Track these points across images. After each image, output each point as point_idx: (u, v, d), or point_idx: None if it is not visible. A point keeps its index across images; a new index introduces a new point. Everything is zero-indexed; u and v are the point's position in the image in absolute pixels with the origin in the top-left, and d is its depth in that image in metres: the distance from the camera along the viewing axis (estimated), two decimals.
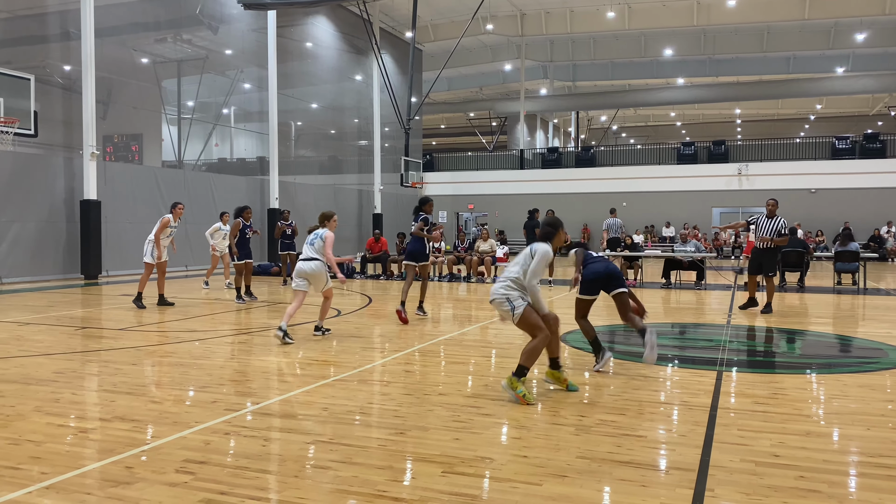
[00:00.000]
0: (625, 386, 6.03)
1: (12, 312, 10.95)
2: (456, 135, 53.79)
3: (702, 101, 42.20)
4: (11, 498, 3.51)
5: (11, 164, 16.12)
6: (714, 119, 52.39)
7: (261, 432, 4.68)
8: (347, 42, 29.64)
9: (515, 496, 3.56)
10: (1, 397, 5.54)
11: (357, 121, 32.18)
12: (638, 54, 37.57)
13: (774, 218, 11.24)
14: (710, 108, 48.45)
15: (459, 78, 42.37)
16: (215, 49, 27.79)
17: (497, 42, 38.06)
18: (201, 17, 24.08)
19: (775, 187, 31.09)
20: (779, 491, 3.65)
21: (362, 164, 31.69)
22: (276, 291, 15.09)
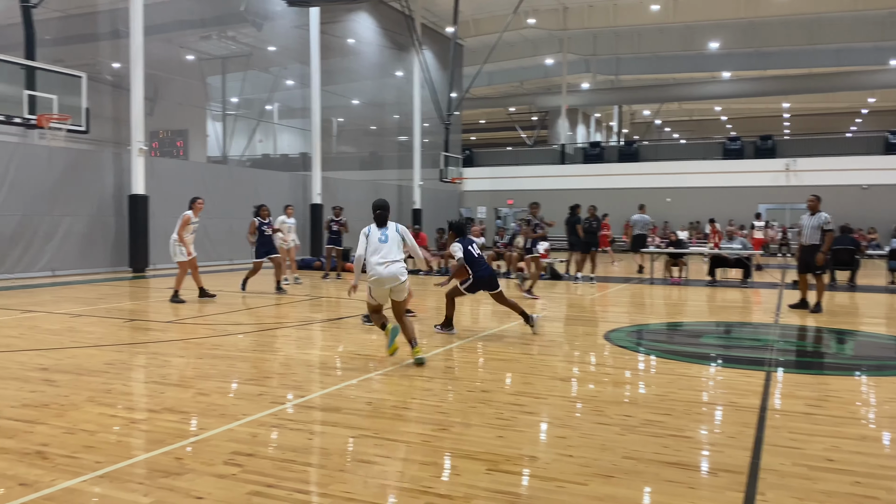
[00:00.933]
0: (670, 386, 5.94)
1: (65, 304, 11.26)
2: (496, 130, 53.59)
3: (748, 95, 41.29)
4: (68, 486, 3.60)
5: (64, 159, 16.56)
6: (761, 113, 51.20)
7: (306, 425, 4.73)
8: (389, 38, 29.73)
9: (562, 496, 3.53)
10: (56, 387, 5.70)
11: (397, 116, 32.29)
12: (683, 47, 36.90)
13: (816, 214, 10.89)
14: (756, 102, 47.35)
15: (500, 72, 42.16)
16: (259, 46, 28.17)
17: (539, 36, 37.77)
18: (246, 14, 24.39)
19: (825, 183, 30.26)
20: (833, 496, 3.55)
21: (402, 160, 31.79)
22: (317, 285, 15.24)
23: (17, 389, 5.62)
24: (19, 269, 15.46)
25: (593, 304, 12.33)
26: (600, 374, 6.47)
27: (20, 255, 15.51)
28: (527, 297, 12.56)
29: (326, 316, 10.50)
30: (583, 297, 13.23)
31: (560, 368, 6.68)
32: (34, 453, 4.08)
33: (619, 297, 13.23)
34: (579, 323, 9.85)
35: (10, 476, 3.73)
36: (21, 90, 14.28)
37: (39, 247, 15.93)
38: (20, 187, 15.45)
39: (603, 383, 6.04)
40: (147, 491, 3.55)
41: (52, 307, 10.85)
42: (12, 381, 5.93)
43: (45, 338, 8.09)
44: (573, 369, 6.72)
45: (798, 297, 11.31)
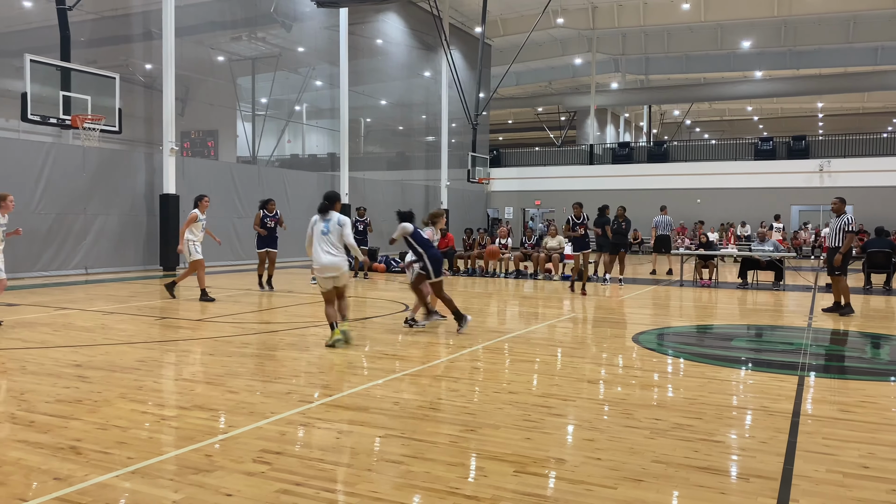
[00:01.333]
0: (701, 390, 5.86)
1: (97, 302, 11.45)
2: (523, 130, 53.42)
3: (781, 94, 40.66)
4: (101, 481, 3.66)
5: (97, 159, 16.85)
6: (794, 113, 50.39)
7: (334, 425, 4.75)
8: (417, 38, 29.79)
9: (590, 499, 3.50)
10: (89, 383, 5.80)
11: (425, 117, 32.33)
12: (714, 47, 36.46)
13: (840, 216, 10.86)
14: (789, 101, 46.62)
15: (528, 72, 42.04)
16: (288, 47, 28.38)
17: (567, 36, 37.57)
18: (275, 15, 24.60)
19: (860, 184, 29.72)
20: None
21: (429, 160, 31.84)
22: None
23: (51, 385, 5.72)
24: (53, 266, 15.77)
25: (621, 306, 12.22)
26: (629, 376, 6.41)
27: (55, 253, 15.82)
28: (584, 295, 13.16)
29: (353, 316, 10.54)
30: (611, 299, 13.12)
31: (588, 370, 6.63)
32: (68, 448, 4.15)
33: (647, 300, 13.11)
34: (607, 325, 9.77)
35: (45, 470, 3.79)
36: (56, 91, 14.56)
37: (73, 245, 16.24)
38: (55, 186, 15.75)
39: (631, 386, 5.98)
40: (177, 487, 3.59)
41: (85, 304, 11.04)
42: (47, 377, 6.04)
43: (78, 335, 8.24)
44: (601, 371, 6.67)
45: (832, 301, 11.18)
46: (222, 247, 19.75)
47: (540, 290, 14.64)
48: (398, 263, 19.07)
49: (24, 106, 13.75)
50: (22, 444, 4.23)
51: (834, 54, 35.89)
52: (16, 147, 15.51)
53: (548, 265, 17.53)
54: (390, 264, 19.08)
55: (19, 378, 6.08)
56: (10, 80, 22.34)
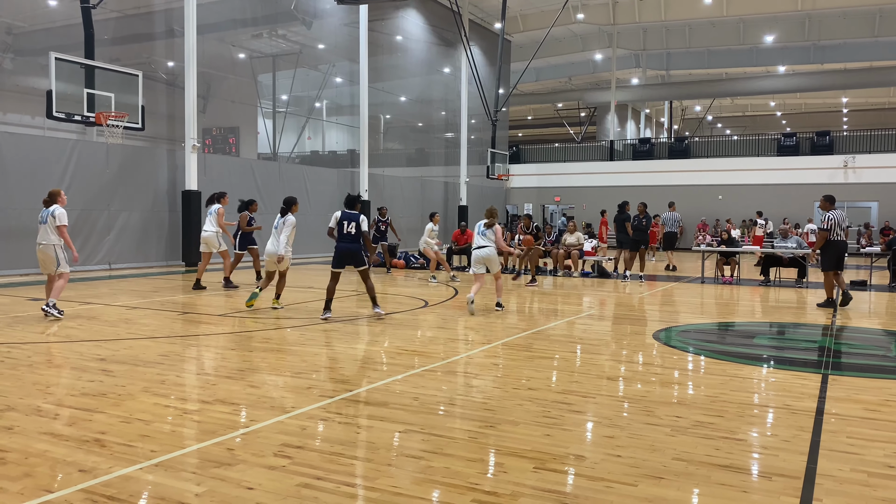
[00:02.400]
0: (723, 387, 5.81)
1: (121, 297, 11.59)
2: (543, 126, 53.21)
3: (805, 89, 40.06)
4: (124, 473, 3.71)
5: (120, 156, 17.04)
6: (818, 108, 49.69)
7: (354, 419, 4.77)
8: (436, 35, 29.78)
9: (610, 496, 3.49)
10: (113, 377, 5.87)
11: (444, 113, 32.32)
12: (736, 41, 36.04)
13: (825, 213, 11.51)
14: (813, 97, 45.98)
15: (548, 68, 41.83)
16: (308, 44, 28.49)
17: (587, 31, 37.34)
18: (296, 12, 24.70)
19: (886, 181, 29.28)
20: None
21: (449, 157, 31.83)
22: None
23: (76, 379, 5.80)
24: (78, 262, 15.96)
25: (641, 303, 12.14)
26: (649, 373, 6.37)
27: (79, 248, 15.96)
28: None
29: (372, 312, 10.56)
30: (631, 296, 13.05)
31: (608, 367, 6.60)
32: (92, 441, 4.21)
33: (668, 297, 13.02)
34: (627, 322, 9.72)
35: (70, 462, 3.85)
36: (81, 88, 14.73)
37: (97, 241, 16.44)
38: (79, 183, 15.96)
39: (651, 383, 5.94)
40: (199, 480, 3.63)
41: (109, 299, 11.18)
42: (72, 370, 6.13)
43: (102, 329, 8.35)
44: (621, 368, 6.63)
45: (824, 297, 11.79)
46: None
47: (559, 286, 14.58)
48: (417, 259, 19.12)
49: (50, 103, 13.93)
50: (48, 437, 4.30)
51: (859, 48, 35.33)
52: (41, 144, 15.73)
53: (567, 262, 17.46)
54: (409, 260, 19.13)
55: (45, 371, 6.18)
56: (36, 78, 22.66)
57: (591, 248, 17.86)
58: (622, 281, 15.56)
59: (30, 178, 14.79)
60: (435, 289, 13.65)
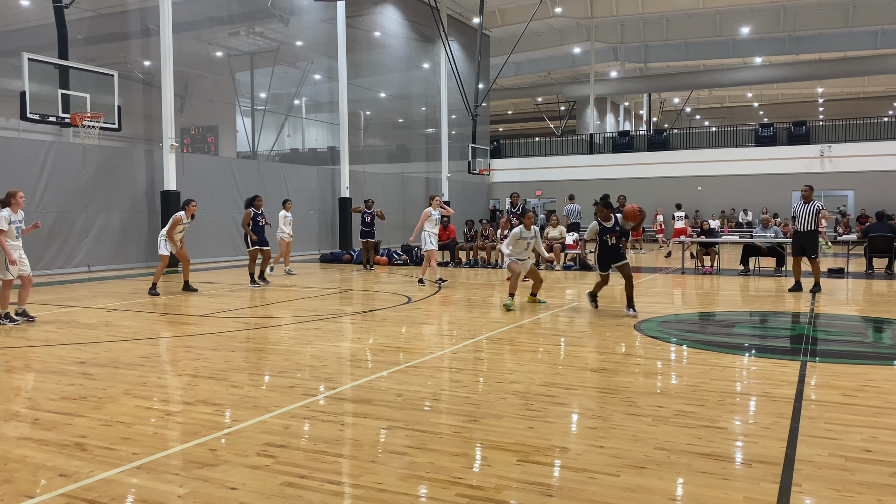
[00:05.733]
0: (704, 376, 5.87)
1: (101, 299, 11.48)
2: (524, 120, 53.31)
3: (781, 80, 40.46)
4: (106, 476, 3.68)
5: (97, 157, 16.85)
6: (794, 99, 50.22)
7: (337, 417, 4.77)
8: (415, 30, 29.71)
9: (593, 486, 3.52)
10: (93, 380, 5.82)
11: (424, 109, 32.28)
12: (713, 33, 36.31)
13: (810, 203, 11.84)
14: (789, 87, 46.44)
15: (527, 62, 41.92)
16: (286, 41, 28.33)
17: (566, 25, 37.44)
18: (272, 9, 24.53)
19: (861, 169, 29.65)
20: (872, 488, 3.48)
21: (430, 152, 31.80)
22: (347, 279, 15.32)
23: (55, 383, 5.74)
24: (56, 265, 15.79)
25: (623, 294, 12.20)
26: (631, 364, 6.42)
27: (57, 251, 15.84)
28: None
29: (356, 309, 10.56)
30: (613, 288, 13.12)
31: (590, 359, 6.64)
32: (73, 445, 4.17)
33: (649, 288, 13.11)
34: (609, 314, 9.78)
35: (51, 467, 3.81)
36: (55, 89, 14.52)
37: (75, 243, 16.26)
38: (56, 185, 15.76)
39: (634, 374, 5.99)
40: (182, 482, 3.61)
41: (88, 302, 11.06)
42: (51, 374, 6.07)
43: (82, 332, 8.26)
44: (604, 360, 6.67)
45: (793, 282, 12.13)
46: (223, 242, 19.83)
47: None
48: (400, 256, 19.10)
49: (24, 105, 13.72)
50: (27, 442, 4.25)
51: (834, 39, 35.73)
52: (16, 146, 15.51)
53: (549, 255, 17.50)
54: (392, 257, 19.11)
55: (24, 376, 6.11)
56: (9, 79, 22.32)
57: (573, 241, 17.94)
58: None
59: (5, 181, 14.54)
60: (419, 284, 13.61)
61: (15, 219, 8.73)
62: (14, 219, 8.71)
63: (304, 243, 22.85)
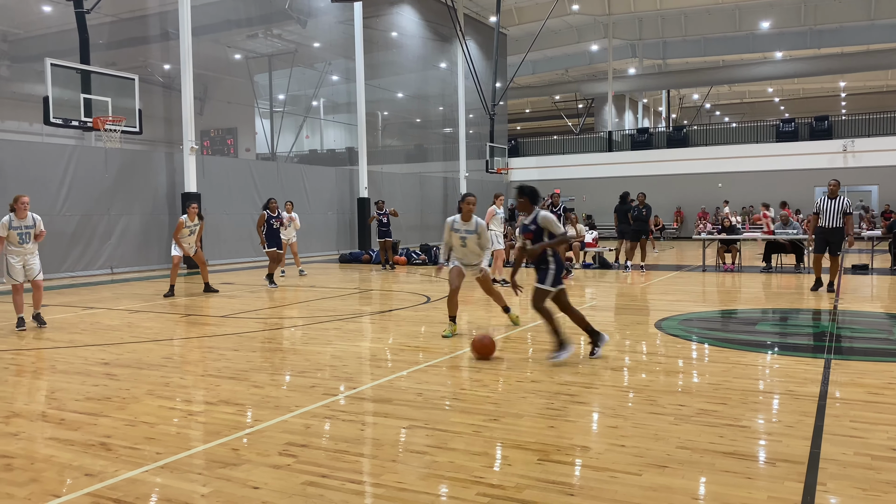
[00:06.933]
0: (726, 375, 5.82)
1: (123, 300, 11.61)
2: (541, 119, 53.17)
3: (802, 74, 40.00)
4: (131, 476, 3.72)
5: (119, 160, 17.05)
6: (816, 93, 49.60)
7: (358, 417, 4.78)
8: (432, 30, 29.72)
9: (614, 486, 3.50)
10: (117, 381, 5.89)
11: (442, 108, 32.29)
12: (732, 28, 35.97)
13: (837, 199, 11.47)
14: (811, 81, 45.86)
15: (544, 61, 41.78)
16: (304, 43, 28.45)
17: (583, 22, 37.27)
18: (290, 11, 24.66)
19: (885, 164, 29.24)
20: None
21: (447, 152, 31.80)
22: (366, 279, 15.37)
23: (80, 383, 5.82)
24: (80, 267, 16.00)
25: (644, 292, 12.15)
26: (652, 363, 6.38)
27: (80, 253, 16.05)
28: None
29: (376, 309, 10.60)
30: (633, 286, 13.05)
31: (611, 358, 6.61)
32: (98, 445, 4.22)
33: (670, 286, 13.02)
34: (629, 312, 9.73)
35: (76, 467, 3.86)
36: (77, 94, 14.71)
37: (98, 245, 16.46)
38: (79, 188, 15.97)
39: (655, 372, 5.95)
40: (205, 481, 3.64)
41: (111, 303, 11.19)
42: (76, 375, 6.15)
43: (105, 333, 8.36)
44: (624, 359, 6.64)
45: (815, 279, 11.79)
46: (243, 243, 19.96)
47: None
48: (418, 255, 19.12)
49: (47, 109, 13.92)
50: (53, 442, 4.31)
51: (856, 32, 35.23)
52: (40, 150, 15.73)
53: (568, 254, 17.44)
54: (411, 256, 19.13)
55: (49, 377, 6.20)
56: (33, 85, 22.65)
57: (592, 239, 17.85)
58: (623, 271, 15.55)
59: (29, 185, 14.76)
60: (437, 284, 13.62)
61: (18, 224, 8.57)
62: (17, 224, 8.56)
63: (323, 244, 22.95)
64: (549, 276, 6.42)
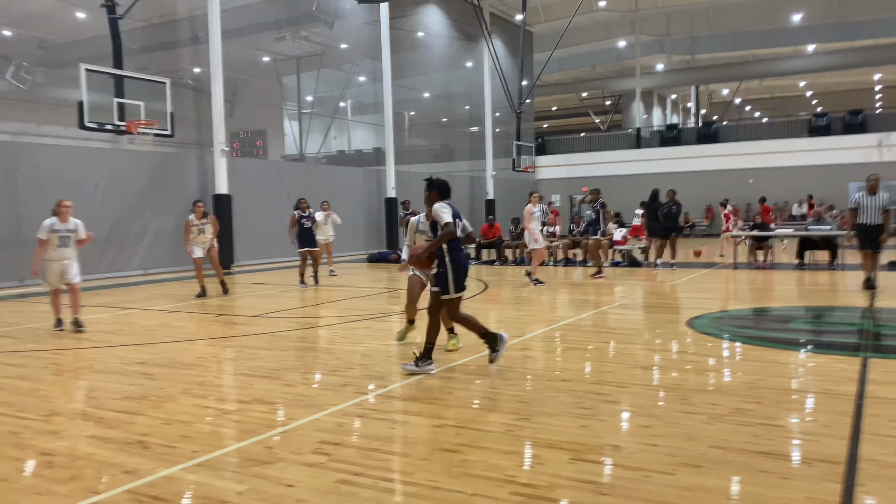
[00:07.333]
0: (760, 373, 5.74)
1: (158, 301, 11.80)
2: (568, 116, 52.85)
3: (835, 68, 39.21)
4: (168, 473, 3.79)
5: (151, 163, 17.32)
6: (849, 87, 48.56)
7: (389, 415, 4.81)
8: (457, 29, 29.72)
9: (648, 485, 3.48)
10: (153, 380, 5.99)
11: (468, 107, 32.28)
12: (763, 22, 35.41)
13: (877, 194, 11.12)
14: (844, 75, 44.92)
15: (571, 58, 41.51)
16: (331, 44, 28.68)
17: (610, 18, 36.99)
18: (318, 13, 24.85)
19: None
20: None
21: (474, 151, 31.77)
22: (394, 278, 15.43)
23: (117, 383, 5.93)
24: (115, 268, 16.28)
25: (674, 290, 12.03)
26: (684, 361, 6.32)
27: (115, 254, 16.33)
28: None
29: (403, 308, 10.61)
30: (663, 284, 12.93)
31: (642, 357, 6.56)
32: (135, 443, 4.30)
33: (701, 284, 12.88)
34: (660, 310, 9.64)
35: (115, 464, 3.94)
36: (111, 98, 14.99)
37: (132, 247, 16.74)
38: (113, 191, 16.25)
39: (687, 371, 5.90)
40: (240, 479, 3.69)
41: (145, 304, 11.38)
42: (113, 374, 6.27)
43: (141, 333, 8.50)
44: (655, 357, 6.59)
45: (864, 276, 11.31)
46: (273, 243, 20.14)
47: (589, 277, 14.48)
48: None
49: (81, 114, 14.19)
50: (92, 440, 4.40)
51: (890, 24, 34.42)
52: (75, 154, 16.04)
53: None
54: None
55: (88, 376, 6.33)
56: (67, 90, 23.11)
57: (622, 237, 17.73)
58: (654, 269, 15.42)
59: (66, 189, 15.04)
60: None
61: (60, 227, 8.59)
62: (59, 227, 8.58)
63: (352, 243, 23.07)
64: (448, 282, 5.95)
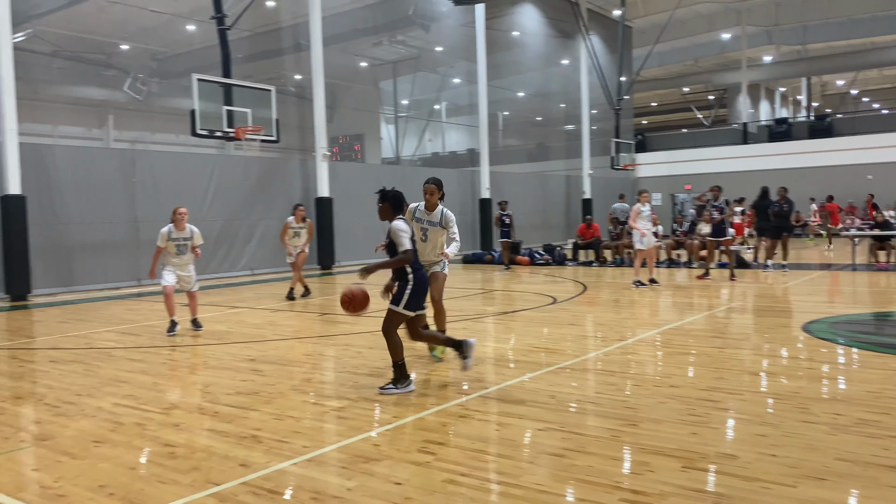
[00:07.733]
0: (886, 382, 5.37)
1: (265, 300, 12.27)
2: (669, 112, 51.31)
3: None
4: (281, 468, 3.92)
5: (258, 168, 18.04)
6: None
7: (492, 417, 4.80)
8: (554, 27, 29.41)
9: (767, 497, 3.31)
10: (263, 376, 6.22)
11: (564, 105, 31.87)
12: (883, 7, 33.13)
13: None
14: None
15: (672, 52, 40.26)
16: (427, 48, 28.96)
17: (713, 10, 35.64)
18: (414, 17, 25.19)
19: None
20: None
21: (570, 150, 31.33)
22: (489, 279, 15.42)
23: (230, 378, 6.19)
24: (223, 269, 17.05)
25: (786, 293, 11.45)
26: (801, 368, 5.99)
27: (224, 256, 17.10)
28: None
29: (499, 309, 10.61)
30: (774, 287, 12.33)
31: (754, 362, 6.27)
32: (249, 437, 4.47)
33: (816, 286, 12.20)
34: (772, 314, 9.19)
35: (232, 457, 4.11)
36: (220, 106, 15.70)
37: (240, 248, 17.49)
38: (222, 194, 17.03)
39: (804, 379, 5.59)
40: (350, 475, 3.77)
41: (253, 303, 11.86)
42: (226, 370, 6.55)
43: (250, 331, 8.86)
44: (769, 364, 6.28)
45: None
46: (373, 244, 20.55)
47: (694, 279, 13.99)
48: (542, 256, 18.97)
49: (193, 122, 14.95)
50: (209, 433, 4.61)
51: None
52: (187, 160, 16.92)
53: (702, 252, 16.72)
54: (534, 257, 19.00)
55: (203, 372, 6.64)
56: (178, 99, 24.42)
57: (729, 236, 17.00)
58: (763, 270, 14.73)
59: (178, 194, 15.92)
60: (562, 285, 13.46)
61: (177, 235, 8.73)
62: (176, 235, 8.72)
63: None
64: (405, 295, 5.59)
